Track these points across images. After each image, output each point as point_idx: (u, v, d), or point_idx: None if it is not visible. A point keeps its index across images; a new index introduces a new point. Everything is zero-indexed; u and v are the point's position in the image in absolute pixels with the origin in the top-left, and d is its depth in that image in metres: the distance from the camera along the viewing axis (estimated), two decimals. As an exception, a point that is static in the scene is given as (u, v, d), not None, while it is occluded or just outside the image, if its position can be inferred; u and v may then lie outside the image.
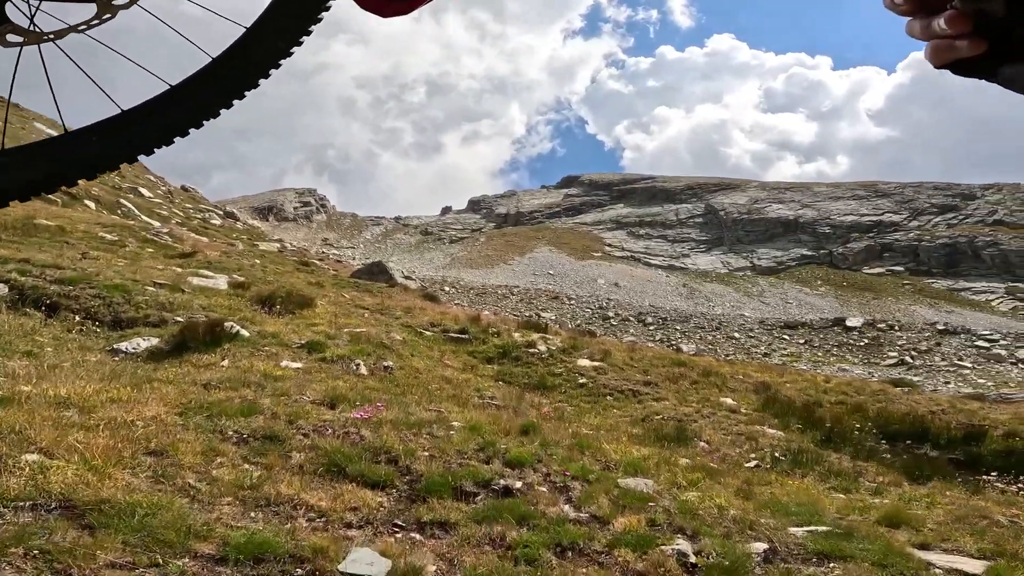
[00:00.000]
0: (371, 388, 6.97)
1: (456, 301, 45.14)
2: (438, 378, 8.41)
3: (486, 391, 8.22)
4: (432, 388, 7.72)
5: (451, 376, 8.77)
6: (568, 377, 10.21)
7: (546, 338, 11.57)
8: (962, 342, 42.26)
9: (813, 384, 12.32)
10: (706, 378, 10.78)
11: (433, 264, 60.33)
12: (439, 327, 12.01)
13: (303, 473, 3.89)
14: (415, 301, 15.82)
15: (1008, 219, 59.18)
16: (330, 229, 65.93)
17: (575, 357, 10.96)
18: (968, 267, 58.46)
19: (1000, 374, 35.99)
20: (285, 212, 64.93)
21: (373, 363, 8.23)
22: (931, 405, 11.99)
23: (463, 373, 9.53)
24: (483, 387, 8.44)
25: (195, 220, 34.31)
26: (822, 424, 9.20)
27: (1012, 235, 57.05)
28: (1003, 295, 54.95)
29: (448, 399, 7.17)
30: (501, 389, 9.20)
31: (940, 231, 59.81)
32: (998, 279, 56.59)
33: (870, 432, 9.68)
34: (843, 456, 8.11)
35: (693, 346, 39.73)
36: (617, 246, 59.46)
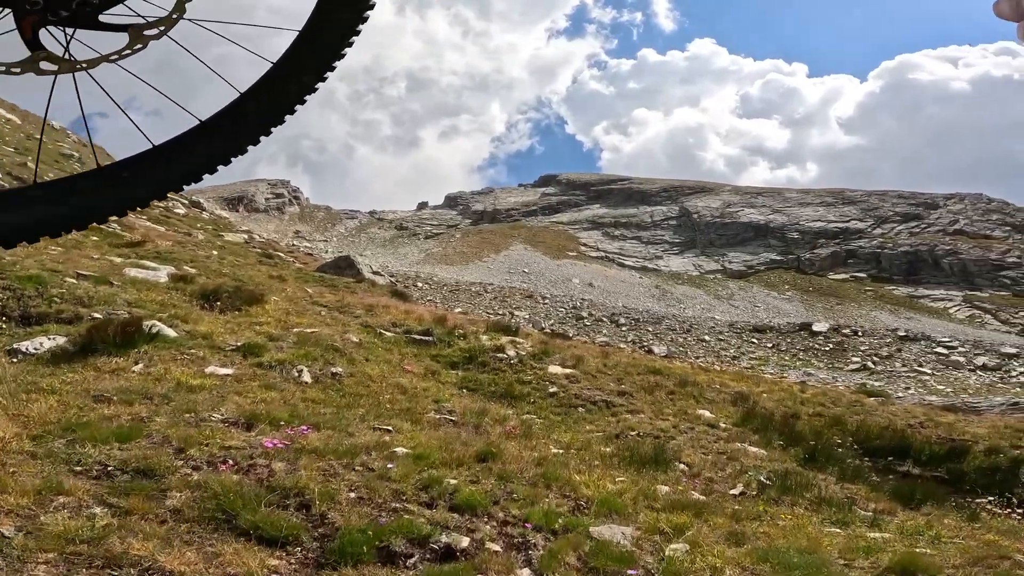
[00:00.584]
0: (310, 401, 5.95)
1: (429, 298, 43.97)
2: (393, 387, 7.42)
3: (445, 403, 7.26)
4: (384, 400, 6.74)
5: (408, 384, 7.79)
6: (538, 386, 9.30)
7: (516, 342, 10.65)
8: (922, 348, 42.69)
9: (790, 394, 11.66)
10: (683, 388, 9.99)
11: (407, 259, 59.01)
12: (402, 328, 11.00)
13: (175, 522, 2.90)
14: (380, 299, 14.76)
15: (968, 229, 60.33)
16: (303, 222, 64.03)
17: (546, 363, 10.06)
18: (928, 275, 59.45)
19: (959, 380, 36.33)
20: (256, 203, 62.81)
21: (319, 369, 7.20)
22: (908, 418, 11.43)
23: (423, 380, 8.55)
24: (443, 397, 7.48)
25: (156, 209, 32.48)
26: (803, 440, 8.48)
27: (971, 244, 58.17)
28: (961, 303, 55.97)
29: (399, 414, 6.21)
30: (464, 399, 8.25)
31: (903, 239, 60.74)
32: (956, 287, 57.63)
33: (851, 448, 9.02)
34: (829, 477, 7.37)
35: (664, 348, 39.31)
36: (592, 246, 58.95)
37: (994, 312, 53.67)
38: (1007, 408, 19.89)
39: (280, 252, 30.60)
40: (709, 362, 38.51)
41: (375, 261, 56.43)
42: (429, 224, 65.49)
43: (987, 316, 53.54)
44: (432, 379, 8.97)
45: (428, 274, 51.04)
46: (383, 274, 21.77)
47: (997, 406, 20.66)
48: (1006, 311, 52.80)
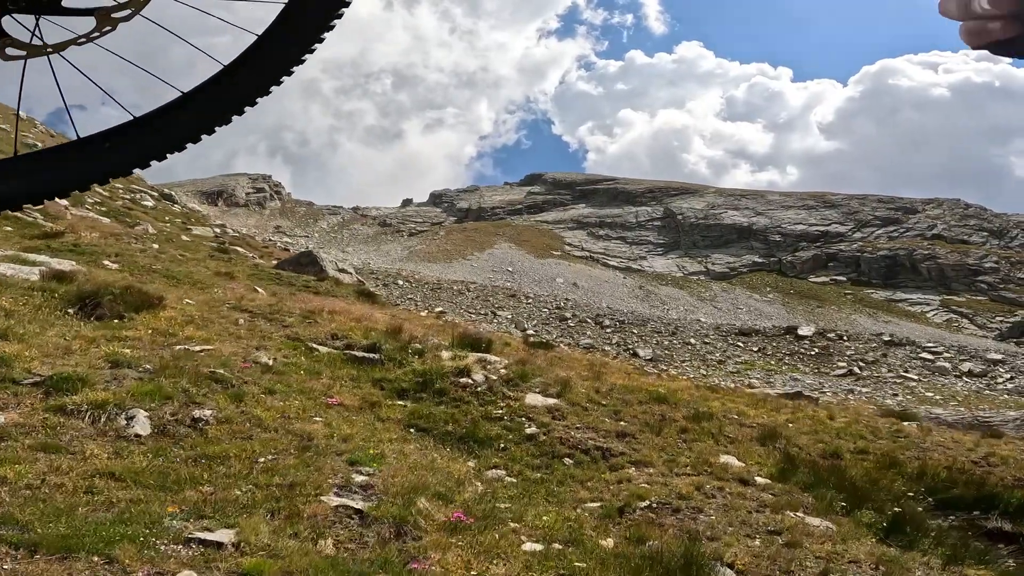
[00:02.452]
0: (104, 475, 3.34)
1: (409, 296, 41.21)
2: (290, 438, 4.82)
3: (367, 465, 4.68)
4: (260, 466, 4.15)
5: (321, 430, 5.19)
6: (512, 423, 6.73)
7: (486, 361, 8.06)
8: (907, 354, 40.96)
9: (820, 424, 9.24)
10: (696, 424, 7.48)
11: (390, 257, 56.20)
12: (342, 341, 8.35)
13: None
14: (333, 301, 12.07)
15: (946, 234, 59.11)
16: (284, 217, 60.85)
17: (523, 391, 7.50)
18: (906, 279, 58.06)
19: (946, 387, 34.56)
20: (236, 197, 59.53)
21: (172, 413, 4.57)
22: (962, 450, 9.10)
23: (350, 420, 5.94)
24: (366, 455, 4.89)
25: (119, 201, 29.33)
26: (867, 495, 6.06)
27: (949, 249, 56.84)
28: (938, 307, 54.58)
29: (269, 499, 3.63)
30: (407, 448, 5.67)
31: (882, 243, 59.28)
32: (934, 292, 56.30)
33: (921, 498, 6.65)
34: (932, 557, 4.94)
35: (650, 351, 37.05)
36: (577, 246, 56.65)
37: (971, 317, 52.31)
38: (1023, 423, 17.74)
39: (244, 246, 27.74)
40: (696, 366, 36.34)
41: (357, 258, 53.50)
42: (413, 221, 62.72)
43: (964, 321, 52.16)
44: (369, 414, 6.35)
45: (411, 271, 48.29)
46: (350, 271, 19.05)
47: (1012, 421, 18.51)
48: (983, 316, 51.46)
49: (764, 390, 21.81)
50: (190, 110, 1.37)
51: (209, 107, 1.38)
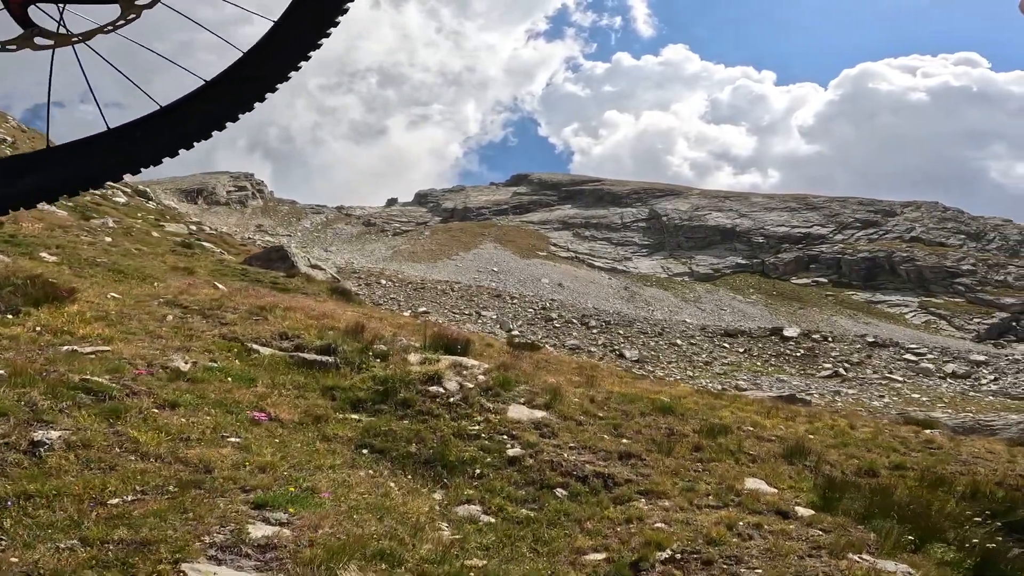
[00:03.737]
0: None
1: (392, 296, 39.63)
2: (174, 469, 3.38)
3: (279, 507, 3.27)
4: (101, 514, 2.72)
5: (226, 458, 3.76)
6: (491, 443, 5.36)
7: (462, 366, 6.67)
8: (891, 355, 40.34)
9: (842, 433, 8.00)
10: (712, 440, 6.17)
11: (374, 256, 54.54)
12: (292, 342, 6.91)
13: None
14: (289, 298, 10.59)
15: (924, 236, 59.05)
16: (266, 215, 58.88)
17: (505, 401, 6.13)
18: (885, 280, 57.79)
19: (931, 389, 33.92)
20: (217, 196, 57.47)
21: (5, 434, 3.14)
22: (1001, 463, 7.95)
23: (286, 438, 4.53)
24: (277, 496, 3.47)
25: (88, 197, 27.50)
26: (931, 523, 4.81)
27: (927, 252, 56.67)
28: (916, 309, 54.30)
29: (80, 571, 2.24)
30: (355, 474, 4.28)
31: (862, 245, 58.96)
32: (912, 293, 56.06)
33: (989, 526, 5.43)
34: None
35: (636, 352, 35.92)
36: (563, 246, 55.52)
37: (949, 318, 52.05)
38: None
39: (219, 244, 26.05)
40: (682, 368, 35.27)
41: (340, 258, 51.72)
42: (398, 221, 61.13)
43: (942, 322, 51.87)
44: (311, 432, 4.94)
45: (394, 271, 46.68)
46: (324, 268, 17.51)
47: (1015, 425, 17.54)
48: (960, 317, 51.20)
49: (756, 393, 20.70)
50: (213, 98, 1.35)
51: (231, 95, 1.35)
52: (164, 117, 1.33)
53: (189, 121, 1.34)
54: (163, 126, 1.33)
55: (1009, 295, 48.89)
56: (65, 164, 1.30)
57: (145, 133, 1.32)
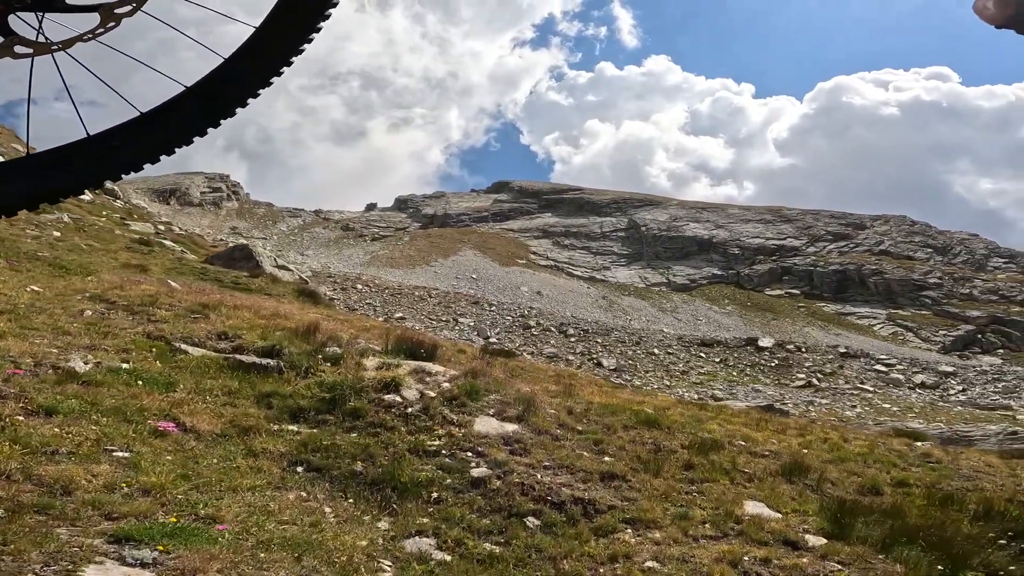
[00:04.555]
0: None
1: (368, 301, 38.49)
2: (14, 490, 2.53)
3: (151, 539, 2.42)
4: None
5: (100, 476, 2.88)
6: (452, 461, 4.53)
7: (425, 373, 5.83)
8: (863, 366, 40.52)
9: (837, 448, 7.35)
10: (703, 456, 5.43)
11: (351, 261, 53.24)
12: (232, 341, 6.00)
13: None
14: (241, 298, 9.60)
15: (893, 250, 60.02)
16: (241, 217, 57.16)
17: (472, 412, 5.31)
18: (855, 293, 58.45)
19: (901, 399, 34.01)
20: (190, 196, 55.64)
21: None
22: (1004, 478, 7.40)
23: (197, 452, 3.64)
24: (168, 520, 2.62)
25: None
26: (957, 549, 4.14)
27: (895, 265, 57.54)
28: (884, 321, 54.94)
29: None
30: (281, 498, 3.42)
31: (833, 258, 59.64)
32: (880, 306, 56.76)
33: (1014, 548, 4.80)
34: None
35: (614, 361, 35.41)
36: (542, 254, 54.99)
37: (915, 330, 52.73)
38: (1005, 438, 16.47)
39: (187, 243, 24.75)
40: (660, 377, 34.79)
41: (316, 261, 50.32)
42: (377, 226, 59.97)
43: (909, 334, 52.52)
44: (234, 446, 4.06)
45: (371, 276, 45.50)
46: (292, 269, 16.45)
47: (993, 436, 17.26)
48: (927, 329, 51.90)
49: (737, 403, 20.20)
50: (195, 104, 1.31)
51: (213, 100, 1.32)
52: (145, 124, 1.29)
53: (170, 127, 1.29)
54: (143, 132, 1.28)
55: (974, 308, 49.70)
56: (43, 172, 1.24)
57: (124, 140, 1.27)
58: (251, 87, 1.32)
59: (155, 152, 1.29)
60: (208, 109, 1.32)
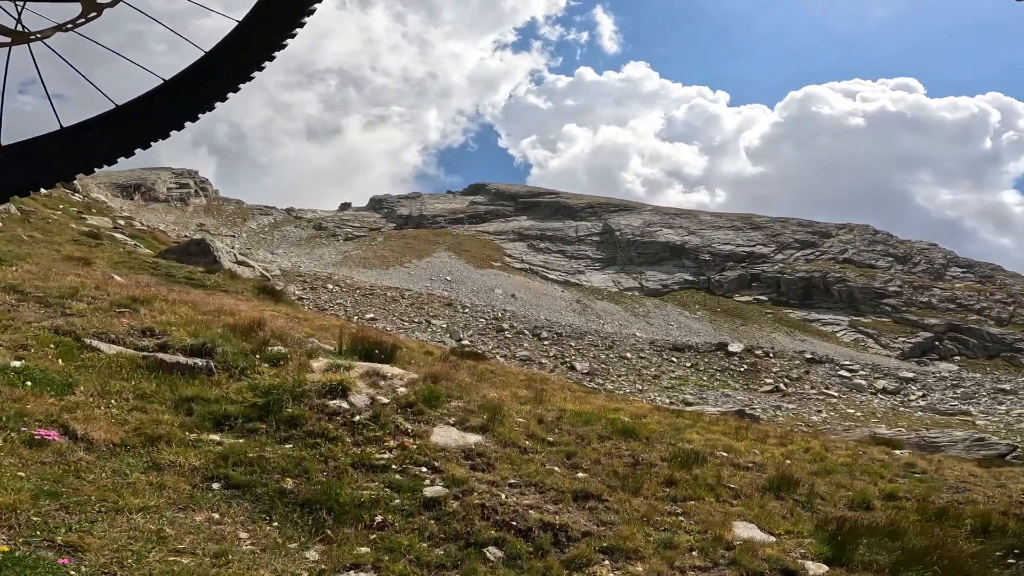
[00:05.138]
0: None
1: (338, 301, 37.34)
2: None
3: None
4: None
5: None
6: (403, 477, 3.85)
7: (380, 376, 5.13)
8: (827, 371, 41.04)
9: (819, 458, 6.91)
10: (685, 471, 4.87)
11: (323, 260, 51.83)
12: (158, 338, 5.20)
13: None
14: (183, 293, 8.70)
15: (856, 258, 61.34)
16: (209, 215, 55.18)
17: (430, 421, 4.64)
18: (820, 300, 59.49)
19: (864, 404, 34.46)
20: (156, 192, 53.49)
21: None
22: (991, 487, 7.07)
23: (90, 465, 2.90)
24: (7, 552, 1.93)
25: None
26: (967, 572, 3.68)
27: (858, 273, 58.80)
28: (847, 328, 56.02)
29: None
30: (184, 521, 2.70)
31: (799, 265, 60.66)
32: (843, 312, 57.84)
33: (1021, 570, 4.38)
34: None
35: (587, 364, 35.06)
36: (517, 258, 54.49)
37: (876, 337, 53.86)
38: (972, 445, 16.48)
39: (148, 238, 23.45)
40: (632, 381, 34.54)
41: (287, 260, 48.79)
42: (350, 225, 58.63)
43: (869, 340, 53.61)
44: (135, 458, 3.31)
45: (343, 276, 44.25)
46: (253, 265, 15.45)
47: (960, 442, 17.27)
48: (887, 336, 53.06)
49: (708, 408, 19.93)
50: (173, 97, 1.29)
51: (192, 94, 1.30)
52: (120, 117, 1.26)
53: (146, 121, 1.27)
54: (119, 126, 1.27)
55: (932, 316, 51.02)
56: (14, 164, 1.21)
57: (98, 133, 1.25)
58: (231, 82, 1.31)
59: (130, 146, 1.27)
60: (186, 103, 1.29)
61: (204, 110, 1.32)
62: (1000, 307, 49.82)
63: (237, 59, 1.30)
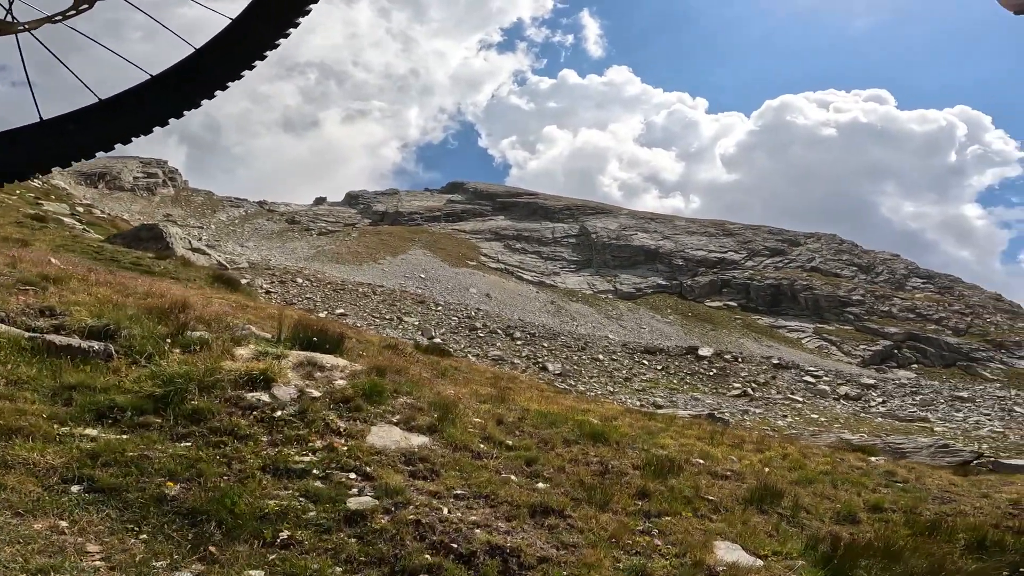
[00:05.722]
0: None
1: (307, 295, 36.06)
2: None
3: None
4: None
5: None
6: (324, 484, 3.14)
7: (316, 367, 4.39)
8: (793, 377, 41.37)
9: (798, 465, 6.40)
10: (660, 482, 4.26)
11: (295, 255, 50.27)
12: (58, 318, 4.36)
13: None
14: (114, 275, 7.75)
15: (822, 266, 62.39)
16: (177, 205, 53.02)
17: (370, 419, 3.93)
18: (787, 307, 60.26)
19: (828, 409, 34.74)
20: (121, 181, 51.21)
21: None
22: (975, 495, 6.68)
23: None
24: None
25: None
26: None
27: (823, 281, 59.79)
28: (811, 335, 56.83)
29: None
30: (16, 532, 1.95)
31: (769, 272, 61.43)
32: (809, 320, 58.71)
33: None
34: None
35: (559, 365, 34.59)
36: (493, 257, 53.78)
37: (839, 344, 54.77)
38: (937, 451, 16.40)
39: (105, 225, 22.03)
40: (603, 383, 34.15)
41: (257, 254, 47.11)
42: (325, 220, 57.11)
43: (832, 347, 54.48)
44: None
45: (314, 271, 42.88)
46: (210, 253, 14.38)
47: (925, 448, 17.21)
48: (849, 343, 54.00)
49: (679, 411, 19.57)
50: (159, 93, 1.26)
51: (179, 91, 1.27)
52: (103, 111, 1.23)
53: (130, 116, 1.23)
54: (101, 120, 1.23)
55: (892, 325, 52.09)
56: None
57: (80, 126, 1.22)
58: (220, 80, 1.26)
59: (112, 140, 1.23)
60: (173, 99, 1.25)
61: (190, 107, 1.28)
62: (958, 317, 51.14)
63: (227, 57, 1.27)
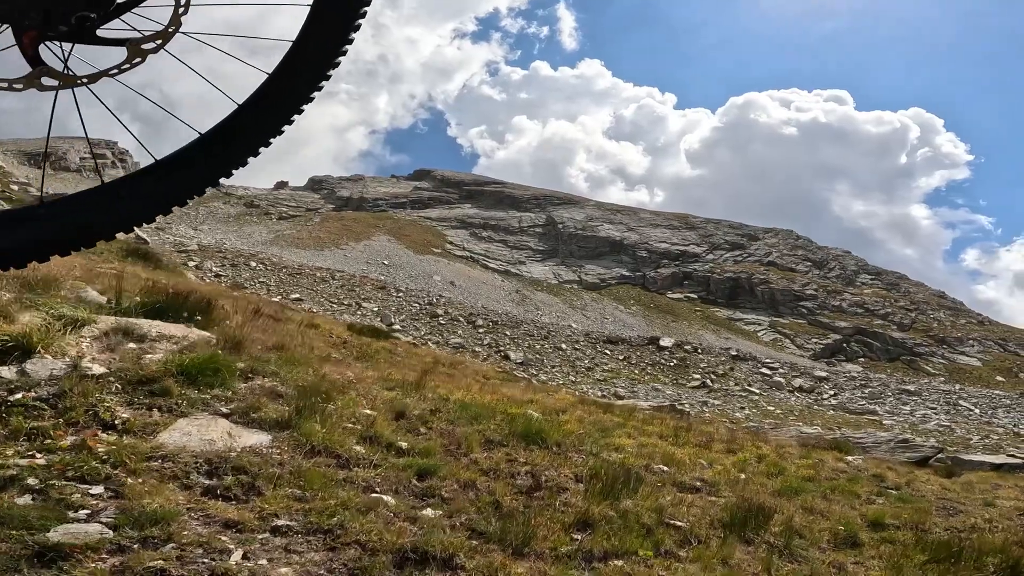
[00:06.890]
0: None
1: (261, 279, 33.77)
2: None
3: None
4: None
5: None
6: (28, 501, 1.75)
7: (133, 337, 2.95)
8: (750, 368, 41.29)
9: (777, 470, 5.30)
10: (609, 504, 3.03)
11: (252, 239, 47.47)
12: None
13: None
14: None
15: (779, 261, 62.95)
16: (125, 182, 49.39)
17: (178, 409, 2.54)
18: (745, 300, 60.72)
19: (783, 401, 34.68)
20: (67, 162, 47.37)
21: None
22: (968, 499, 5.75)
23: None
24: None
25: None
26: None
27: (779, 276, 60.41)
28: (767, 328, 57.38)
29: None
30: None
31: (728, 266, 61.72)
32: (765, 313, 59.24)
33: None
34: None
35: (521, 354, 33.42)
36: (459, 245, 52.11)
37: (792, 337, 55.41)
38: (896, 446, 15.86)
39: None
40: (565, 372, 33.16)
41: (211, 237, 44.21)
42: (285, 205, 54.21)
43: (787, 340, 55.09)
44: None
45: (270, 255, 40.41)
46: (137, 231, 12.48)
47: (884, 443, 16.71)
48: (802, 337, 54.71)
49: (640, 402, 18.68)
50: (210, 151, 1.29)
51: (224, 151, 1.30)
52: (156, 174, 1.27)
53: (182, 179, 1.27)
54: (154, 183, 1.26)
55: (842, 319, 52.92)
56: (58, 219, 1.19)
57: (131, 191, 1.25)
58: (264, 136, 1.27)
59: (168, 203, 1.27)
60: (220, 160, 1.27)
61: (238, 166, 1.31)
62: (903, 313, 52.29)
63: (266, 115, 1.28)
